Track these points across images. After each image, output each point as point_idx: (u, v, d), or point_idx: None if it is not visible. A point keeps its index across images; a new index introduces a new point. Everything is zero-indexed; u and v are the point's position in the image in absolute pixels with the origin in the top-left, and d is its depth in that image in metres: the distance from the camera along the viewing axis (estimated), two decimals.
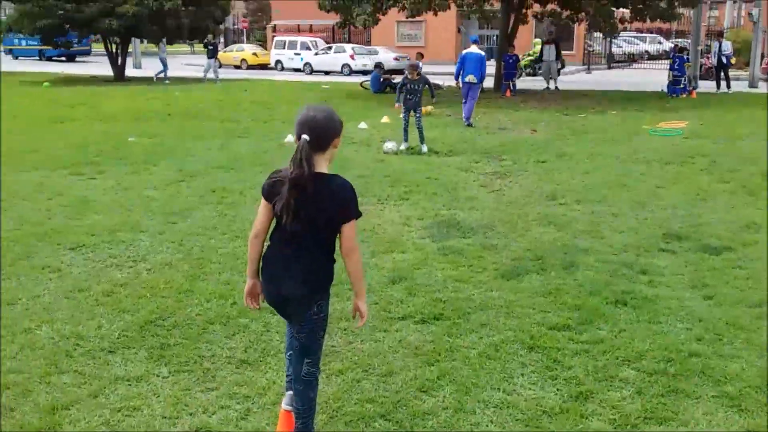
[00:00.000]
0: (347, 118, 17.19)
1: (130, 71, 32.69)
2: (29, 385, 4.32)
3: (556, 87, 25.25)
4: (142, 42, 41.38)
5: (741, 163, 11.37)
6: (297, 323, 3.63)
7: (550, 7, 25.51)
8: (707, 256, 6.82)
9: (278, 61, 42.32)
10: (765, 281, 6.09)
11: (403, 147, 12.98)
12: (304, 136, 3.45)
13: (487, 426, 4.01)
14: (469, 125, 16.12)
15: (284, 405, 3.81)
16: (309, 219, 3.48)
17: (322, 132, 3.50)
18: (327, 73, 37.64)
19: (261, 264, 3.65)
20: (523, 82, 27.73)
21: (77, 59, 45.78)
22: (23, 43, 45.91)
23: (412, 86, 12.94)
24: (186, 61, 44.68)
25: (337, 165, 10.75)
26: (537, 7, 26.08)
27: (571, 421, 4.05)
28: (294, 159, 3.43)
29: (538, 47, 28.90)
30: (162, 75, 29.95)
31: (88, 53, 47.39)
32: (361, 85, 26.50)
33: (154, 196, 9.16)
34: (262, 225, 3.59)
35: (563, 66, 28.63)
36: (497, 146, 13.33)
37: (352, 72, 36.78)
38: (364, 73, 33.62)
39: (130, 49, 33.43)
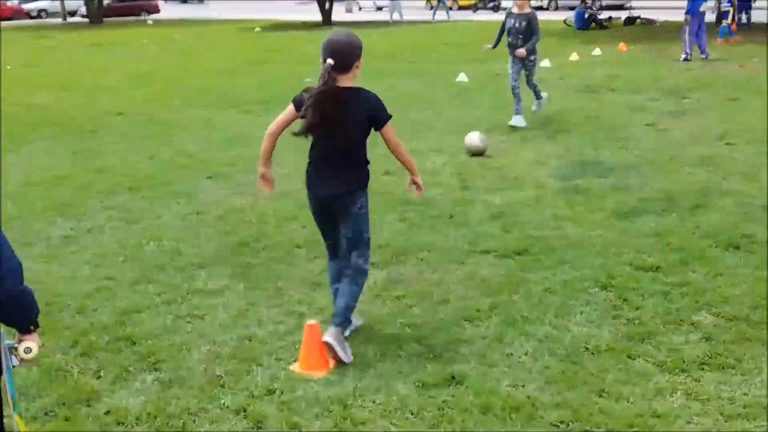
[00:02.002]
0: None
1: (341, 16, 33.99)
2: (117, 290, 4.82)
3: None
4: None
5: None
6: (343, 220, 3.97)
7: None
8: None
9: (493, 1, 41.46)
10: None
11: (514, 121, 9.47)
12: (329, 61, 3.71)
13: (519, 358, 3.84)
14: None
15: (325, 337, 3.86)
16: (344, 129, 3.82)
17: (344, 55, 3.76)
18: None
19: (306, 177, 4.03)
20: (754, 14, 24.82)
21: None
22: None
23: (515, 23, 9.20)
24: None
25: (495, 100, 10.40)
26: None
27: (613, 361, 3.75)
28: (320, 81, 3.73)
29: None
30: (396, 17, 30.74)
31: None
32: (565, 22, 25.40)
33: None
34: (278, 126, 3.94)
35: None
36: (688, 83, 12.22)
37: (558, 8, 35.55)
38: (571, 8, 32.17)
39: None
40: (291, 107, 3.86)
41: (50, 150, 9.09)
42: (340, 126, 3.80)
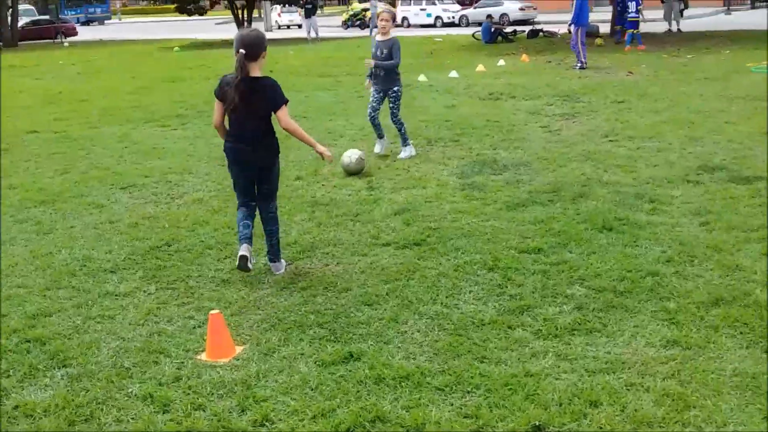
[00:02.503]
0: (445, 69, 17.42)
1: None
2: (28, 297, 4.94)
3: (678, 29, 23.80)
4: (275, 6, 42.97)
5: None
6: (265, 178, 5.14)
7: None
8: (733, 185, 6.50)
9: (404, 18, 42.57)
10: None
11: (377, 148, 8.72)
12: (242, 51, 4.79)
13: (412, 334, 4.18)
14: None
15: (243, 251, 4.94)
16: (252, 110, 4.88)
17: (252, 47, 4.86)
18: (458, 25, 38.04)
19: (226, 147, 5.16)
20: (648, 25, 26.30)
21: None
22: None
23: (377, 51, 8.32)
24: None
25: (405, 109, 10.72)
26: None
27: (495, 331, 4.14)
28: (236, 67, 4.80)
29: None
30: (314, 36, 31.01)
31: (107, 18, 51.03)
32: (473, 36, 26.29)
33: (220, 143, 9.76)
34: (217, 118, 5.09)
35: (686, 7, 26.84)
36: (580, 89, 12.95)
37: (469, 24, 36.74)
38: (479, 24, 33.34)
39: (255, 14, 34.89)
40: (217, 102, 5.00)
41: None
42: (251, 107, 4.86)
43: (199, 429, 3.37)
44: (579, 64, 15.96)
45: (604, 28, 25.41)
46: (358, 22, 41.06)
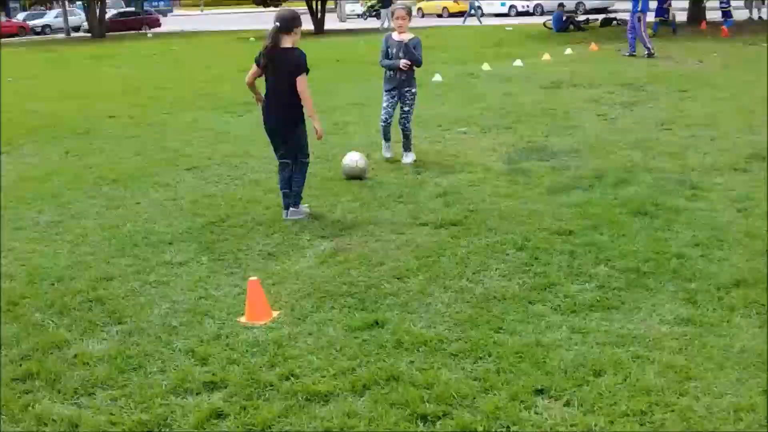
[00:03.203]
0: (510, 57, 17.44)
1: (334, 24, 34.71)
2: (94, 263, 5.42)
3: (760, 17, 23.03)
4: None
5: None
6: (289, 138, 6.01)
7: None
8: None
9: (479, 7, 42.41)
10: None
11: (384, 152, 8.05)
12: (276, 23, 5.76)
13: (436, 306, 4.43)
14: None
15: (289, 215, 6.08)
16: (280, 75, 5.81)
17: (286, 21, 5.82)
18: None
19: (263, 108, 6.12)
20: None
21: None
22: None
23: (397, 52, 7.54)
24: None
25: (464, 97, 10.95)
26: None
27: (515, 306, 4.34)
28: (269, 36, 5.80)
29: None
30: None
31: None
32: (545, 25, 26.09)
33: None
34: (250, 78, 6.04)
35: None
36: (643, 77, 12.83)
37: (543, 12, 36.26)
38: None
39: (330, 5, 35.49)
40: (254, 65, 5.96)
41: (43, 150, 9.73)
42: (279, 72, 5.81)
43: (231, 380, 3.72)
44: (647, 51, 15.73)
45: (681, 17, 24.85)
46: (374, 13, 41.18)
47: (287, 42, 5.76)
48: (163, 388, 3.67)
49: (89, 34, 42.00)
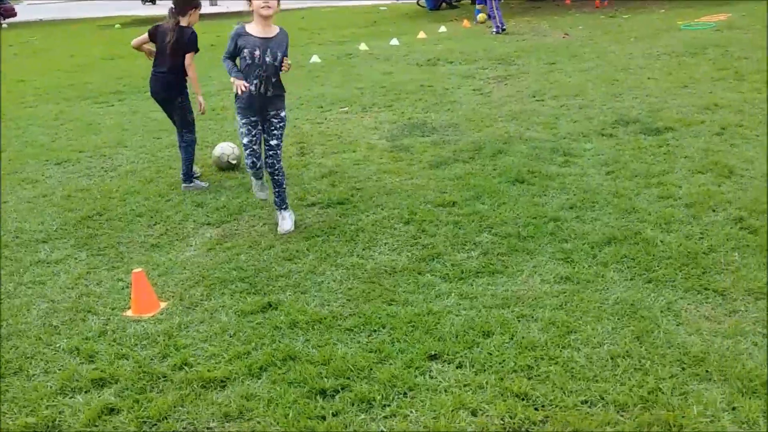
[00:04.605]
0: (387, 36, 17.60)
1: (206, 9, 33.72)
2: None
3: None
4: None
5: (755, 51, 10.91)
6: (173, 109, 6.49)
7: None
8: (643, 137, 6.87)
9: None
10: (680, 157, 6.16)
11: (258, 193, 5.63)
12: (171, 5, 6.33)
13: (328, 284, 4.45)
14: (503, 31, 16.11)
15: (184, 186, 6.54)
16: (172, 50, 6.25)
17: (182, 3, 6.32)
18: None
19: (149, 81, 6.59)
20: None
21: None
22: None
23: (259, 55, 5.03)
24: None
25: (343, 77, 10.91)
26: None
27: (405, 277, 4.43)
28: (168, 16, 6.33)
29: None
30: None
31: None
32: (418, 3, 26.43)
33: (156, 117, 9.86)
34: (137, 42, 6.60)
35: None
36: (514, 52, 13.26)
37: None
38: None
39: None
40: (146, 35, 6.46)
41: None
42: (171, 48, 6.23)
43: (121, 375, 3.60)
44: (495, 29, 16.23)
45: None
46: None
47: (183, 22, 6.29)
48: (49, 389, 3.51)
49: None
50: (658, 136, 6.85)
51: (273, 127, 5.21)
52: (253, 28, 5.09)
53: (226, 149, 7.04)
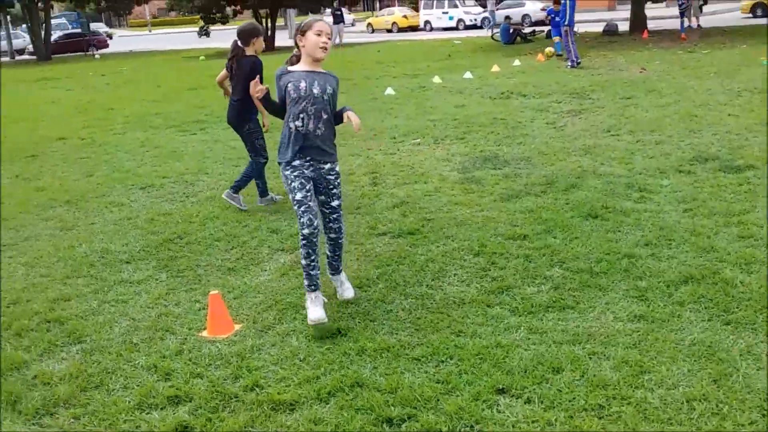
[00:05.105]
0: (461, 70, 17.72)
1: (285, 42, 34.68)
2: (50, 284, 5.36)
3: (698, 25, 23.81)
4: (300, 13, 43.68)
5: None
6: (241, 136, 7.07)
7: None
8: (723, 174, 6.72)
9: (427, 22, 43.06)
10: (761, 195, 5.98)
11: (312, 313, 4.29)
12: (235, 38, 6.75)
13: (397, 313, 4.50)
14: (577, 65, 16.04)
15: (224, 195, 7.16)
16: (237, 78, 6.73)
17: (244, 35, 6.70)
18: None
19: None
20: (668, 21, 26.39)
21: None
22: None
23: (309, 92, 4.34)
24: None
25: (416, 109, 11.13)
26: None
27: (474, 309, 4.44)
28: (231, 49, 6.85)
29: None
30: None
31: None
32: (492, 38, 26.55)
33: (235, 146, 10.18)
34: (220, 78, 7.17)
35: (705, 2, 26.84)
36: (589, 86, 13.17)
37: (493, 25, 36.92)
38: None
39: (280, 22, 35.56)
40: (224, 69, 6.98)
41: None
42: (237, 75, 6.74)
43: (196, 393, 3.72)
44: (570, 63, 16.17)
45: (623, 27, 25.59)
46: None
47: (249, 51, 6.68)
48: (127, 404, 3.66)
49: (34, 57, 41.21)
50: (738, 174, 6.68)
51: (332, 186, 4.48)
52: (298, 67, 4.45)
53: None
